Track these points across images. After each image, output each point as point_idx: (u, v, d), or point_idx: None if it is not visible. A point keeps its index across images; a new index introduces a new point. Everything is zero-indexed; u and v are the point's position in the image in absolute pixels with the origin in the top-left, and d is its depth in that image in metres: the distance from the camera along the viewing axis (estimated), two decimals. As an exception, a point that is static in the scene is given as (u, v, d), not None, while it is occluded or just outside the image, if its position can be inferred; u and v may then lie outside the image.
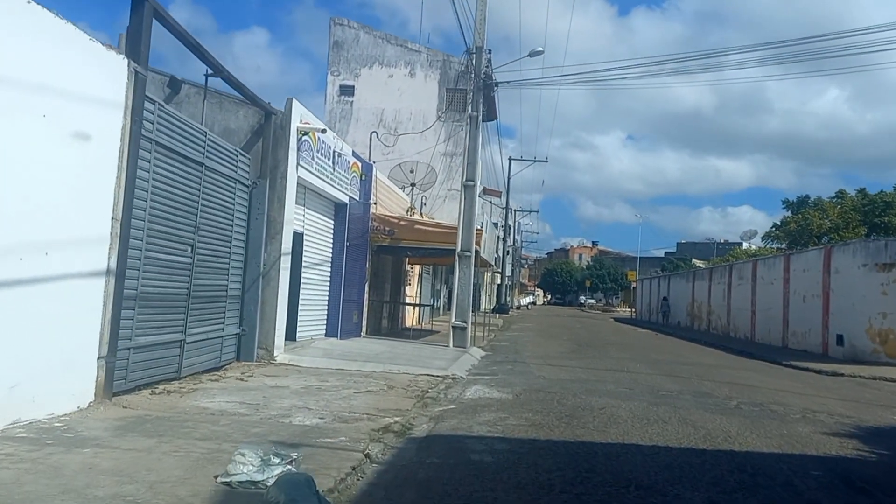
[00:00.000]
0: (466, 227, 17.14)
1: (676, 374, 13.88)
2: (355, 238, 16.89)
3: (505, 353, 17.27)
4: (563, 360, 16.22)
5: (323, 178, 14.20)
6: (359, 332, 17.58)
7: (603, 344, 22.13)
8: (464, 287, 17.06)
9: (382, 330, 20.51)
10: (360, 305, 17.55)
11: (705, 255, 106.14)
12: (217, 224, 10.51)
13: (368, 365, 12.19)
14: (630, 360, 16.74)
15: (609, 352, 19.04)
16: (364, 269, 17.72)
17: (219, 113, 12.47)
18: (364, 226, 17.60)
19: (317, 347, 13.94)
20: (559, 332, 28.35)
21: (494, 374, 12.83)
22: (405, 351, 15.03)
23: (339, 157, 15.10)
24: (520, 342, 21.56)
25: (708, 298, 33.12)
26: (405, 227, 18.28)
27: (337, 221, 16.17)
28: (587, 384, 11.66)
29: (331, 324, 15.96)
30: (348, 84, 29.67)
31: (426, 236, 18.23)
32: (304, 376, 10.75)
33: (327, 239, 15.76)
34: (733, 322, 29.04)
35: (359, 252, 17.25)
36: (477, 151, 17.27)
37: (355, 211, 16.77)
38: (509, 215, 54.26)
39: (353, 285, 16.91)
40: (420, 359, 13.74)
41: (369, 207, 17.91)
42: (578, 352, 18.67)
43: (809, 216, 48.94)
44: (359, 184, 16.78)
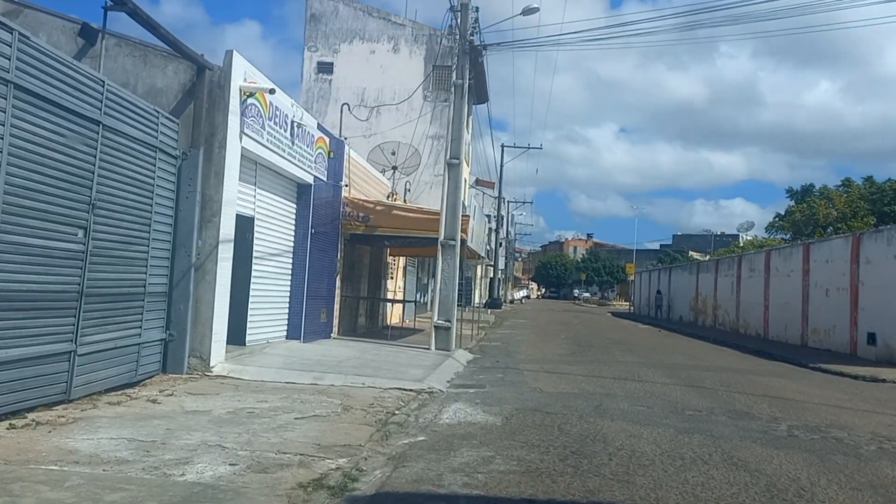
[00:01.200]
0: (451, 211, 14.92)
1: (698, 383, 11.71)
2: (323, 225, 14.65)
3: (495, 357, 15.08)
4: (562, 364, 14.04)
5: (278, 152, 11.95)
6: (328, 333, 15.36)
7: (605, 343, 19.97)
8: (448, 281, 14.85)
9: (359, 329, 18.30)
10: (329, 302, 15.34)
11: (702, 248, 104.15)
12: (127, 202, 8.26)
13: (328, 377, 9.98)
14: (639, 364, 14.57)
15: (613, 353, 16.88)
16: (335, 260, 15.49)
17: (143, 69, 10.21)
18: (334, 211, 15.37)
19: (270, 354, 11.71)
20: (555, 330, 26.19)
21: (481, 385, 10.63)
22: (378, 356, 12.82)
23: (300, 129, 12.85)
24: (512, 342, 19.38)
25: (714, 292, 31.00)
26: (382, 213, 16.05)
27: (300, 205, 13.93)
28: (594, 400, 9.48)
29: (293, 324, 13.74)
30: (326, 61, 27.36)
31: (406, 223, 16.00)
32: (239, 394, 8.53)
33: (287, 225, 13.52)
34: (743, 317, 26.94)
35: (328, 241, 15.03)
36: (462, 125, 15.04)
37: (322, 193, 14.53)
38: (502, 205, 52.01)
39: (321, 279, 14.69)
40: (394, 367, 11.53)
41: (340, 190, 15.68)
42: (579, 354, 16.50)
43: (815, 205, 46.90)
44: (326, 162, 14.53)
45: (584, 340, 20.80)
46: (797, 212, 47.80)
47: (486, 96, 34.44)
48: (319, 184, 14.27)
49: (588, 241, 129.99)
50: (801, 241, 25.01)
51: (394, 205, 17.17)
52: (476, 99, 34.46)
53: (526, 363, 13.97)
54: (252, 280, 11.82)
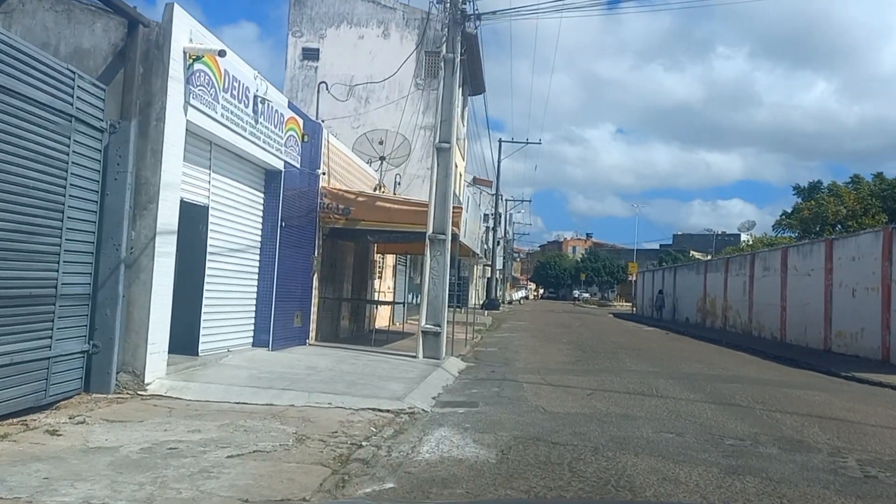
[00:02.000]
0: (440, 201, 13.24)
1: (727, 398, 10.04)
2: (296, 217, 12.98)
3: (491, 365, 13.40)
4: (567, 374, 12.37)
5: (238, 130, 10.27)
6: (303, 339, 13.68)
7: (611, 349, 18.30)
8: (437, 280, 13.18)
9: (341, 334, 16.62)
10: (305, 304, 13.66)
11: (703, 247, 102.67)
12: (27, 182, 6.58)
13: (288, 394, 8.30)
14: (653, 373, 12.90)
15: (622, 360, 15.20)
16: (310, 257, 13.81)
17: (66, 26, 8.53)
18: (310, 202, 13.69)
19: (228, 366, 10.02)
20: (557, 333, 24.50)
21: (473, 403, 8.95)
22: (356, 367, 11.14)
23: (266, 106, 11.17)
24: (510, 347, 17.71)
25: (724, 292, 29.33)
26: (364, 205, 14.37)
27: (268, 194, 12.24)
28: (610, 424, 7.80)
29: (260, 330, 12.05)
30: (312, 47, 25.70)
31: (392, 216, 14.32)
32: (169, 421, 6.85)
33: (252, 217, 11.84)
34: (757, 319, 25.27)
35: (302, 235, 13.35)
36: (453, 104, 13.36)
37: (295, 182, 12.85)
38: (500, 203, 50.32)
39: (294, 278, 13.01)
40: (371, 380, 9.85)
41: (317, 179, 14.00)
42: (584, 361, 14.82)
43: (824, 202, 45.24)
44: (299, 147, 12.85)
45: (588, 345, 19.13)
46: (805, 209, 46.13)
47: (483, 87, 32.79)
48: (291, 171, 12.59)
49: (587, 240, 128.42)
50: (823, 237, 23.31)
51: (377, 196, 15.48)
52: (471, 89, 32.81)
53: (526, 373, 12.30)
54: (206, 279, 10.13)
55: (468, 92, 32.36)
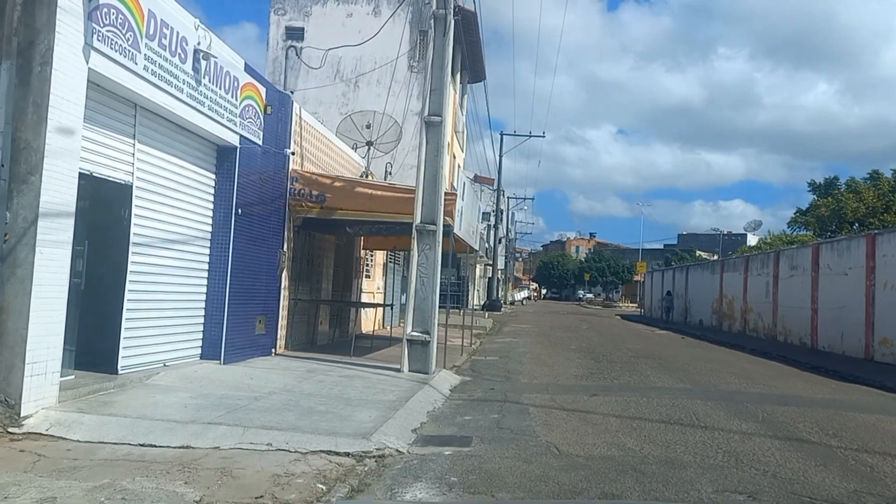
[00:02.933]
0: (429, 186, 11.14)
1: (791, 430, 7.92)
2: (257, 204, 10.89)
3: (490, 380, 11.29)
4: (582, 393, 10.25)
5: (171, 90, 8.18)
6: (268, 349, 11.59)
7: (628, 357, 16.17)
8: (426, 279, 11.07)
9: (318, 341, 14.51)
10: (270, 307, 11.57)
11: (709, 247, 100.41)
12: None
13: (214, 431, 6.20)
14: (685, 392, 10.78)
15: (643, 372, 13.08)
16: (277, 252, 11.72)
17: (-77, -60, 6.41)
18: (276, 187, 11.61)
19: (153, 387, 7.92)
20: (563, 337, 22.37)
21: (464, 440, 6.84)
22: (322, 386, 9.03)
23: (211, 64, 9.08)
24: (513, 356, 15.59)
25: (743, 293, 27.16)
26: (342, 191, 12.27)
27: (220, 175, 10.14)
28: (651, 476, 5.68)
29: (210, 338, 9.96)
30: (296, 25, 23.63)
31: (374, 204, 12.21)
32: (18, 482, 4.75)
33: (198, 201, 9.73)
34: (782, 323, 23.10)
35: (266, 226, 11.26)
36: (445, 71, 11.23)
37: (256, 162, 10.76)
38: (501, 199, 48.20)
39: (255, 276, 10.93)
40: (336, 405, 7.74)
41: (286, 160, 11.91)
42: (599, 374, 12.70)
43: (843, 199, 43.06)
44: (260, 120, 10.76)
45: (601, 353, 17.00)
46: (822, 206, 43.97)
47: (483, 73, 30.70)
48: (250, 148, 10.49)
49: (591, 240, 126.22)
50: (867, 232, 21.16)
51: (357, 180, 13.36)
52: (471, 76, 30.72)
53: (531, 391, 10.19)
54: (129, 277, 8.02)
55: (467, 79, 30.28)
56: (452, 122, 25.88)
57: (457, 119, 27.45)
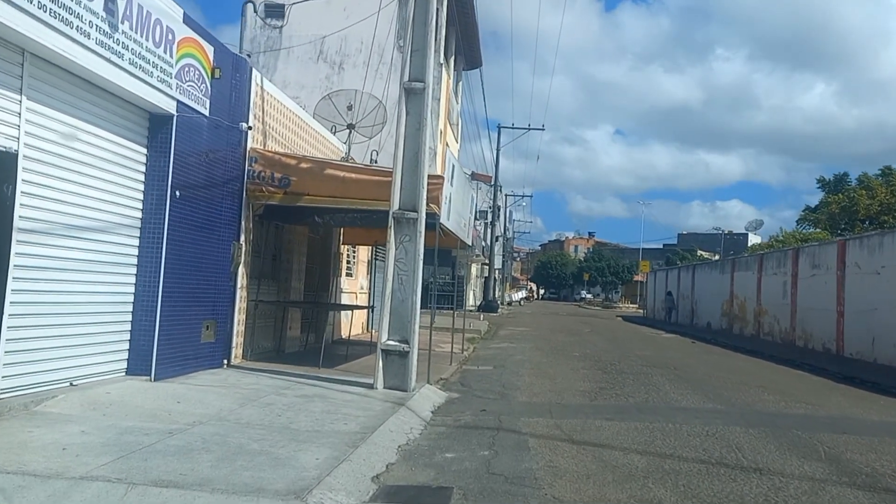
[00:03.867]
0: (410, 167, 9.33)
1: (872, 476, 6.12)
2: (203, 186, 9.08)
3: (482, 398, 9.49)
4: (594, 417, 8.44)
5: (73, 33, 6.37)
6: (219, 359, 9.78)
7: (639, 366, 14.37)
8: (405, 277, 9.26)
9: (287, 348, 12.70)
10: (220, 310, 9.76)
11: (710, 247, 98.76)
12: None
13: (84, 491, 4.41)
14: (718, 413, 8.98)
15: (661, 387, 11.29)
16: (229, 244, 9.90)
17: None
18: (230, 168, 9.81)
19: (40, 416, 6.11)
20: (565, 342, 20.56)
21: (439, 497, 5.03)
22: (268, 411, 7.21)
23: (133, 5, 7.27)
24: (509, 365, 13.79)
25: (757, 294, 25.36)
26: (309, 174, 10.46)
27: (153, 150, 8.32)
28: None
29: (138, 349, 8.14)
30: (276, 3, 21.83)
31: (347, 188, 10.38)
32: None
33: (122, 180, 7.91)
34: (802, 327, 21.30)
35: (216, 213, 9.46)
36: (430, 29, 9.39)
37: (201, 136, 8.94)
38: (499, 196, 46.40)
39: (201, 273, 9.12)
40: (277, 441, 5.92)
41: (243, 137, 10.09)
42: (610, 389, 10.90)
43: (855, 196, 41.32)
44: (206, 85, 8.95)
45: (608, 361, 15.20)
46: (833, 203, 42.24)
47: (479, 59, 28.89)
48: (193, 118, 8.68)
49: (589, 239, 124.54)
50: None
51: (327, 161, 11.52)
52: (466, 62, 28.91)
53: (532, 414, 8.38)
54: (11, 273, 6.20)
55: (462, 65, 28.46)
56: (446, 110, 24.05)
57: (451, 107, 25.62)
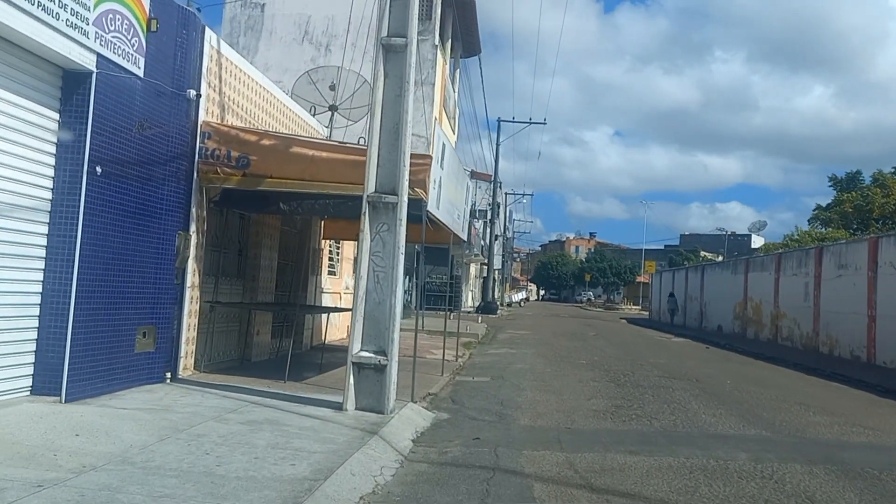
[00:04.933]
0: (388, 140, 7.72)
1: None
2: (136, 164, 7.47)
3: (476, 422, 7.86)
4: (613, 448, 6.81)
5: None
6: (159, 373, 8.15)
7: (656, 377, 12.74)
8: (382, 273, 7.65)
9: (255, 356, 11.08)
10: (162, 313, 8.13)
11: (713, 248, 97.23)
12: None
13: None
14: (765, 442, 7.37)
15: (687, 404, 9.66)
16: (174, 234, 8.28)
17: None
18: (176, 143, 8.19)
19: None
20: (570, 348, 18.93)
21: None
22: (190, 449, 5.58)
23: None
24: (509, 376, 12.16)
25: (775, 296, 23.73)
26: (272, 152, 8.83)
27: (66, 115, 6.70)
28: None
29: (46, 362, 6.52)
30: (258, -21, 20.32)
31: (317, 170, 8.75)
32: None
33: (21, 150, 6.29)
34: (826, 331, 19.68)
35: (156, 197, 7.84)
36: (414, -26, 7.77)
37: (132, 101, 7.32)
38: (499, 193, 44.78)
39: (134, 269, 7.51)
40: (188, 497, 4.28)
41: (191, 107, 8.47)
42: (629, 408, 9.27)
43: (870, 195, 39.76)
44: (139, 40, 7.33)
45: (620, 370, 13.58)
46: (847, 202, 40.67)
47: (478, 46, 27.29)
48: (121, 79, 7.06)
49: (591, 240, 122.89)
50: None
51: (294, 137, 9.87)
52: (464, 49, 27.28)
53: (536, 445, 6.75)
54: None
55: (459, 51, 26.84)
56: (441, 97, 22.41)
57: (447, 95, 23.99)
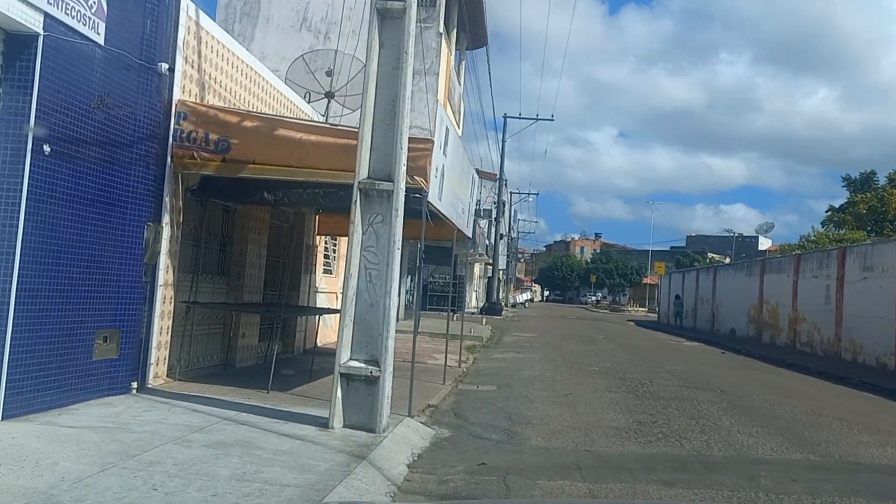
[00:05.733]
0: (383, 119, 6.77)
1: None
2: (98, 144, 6.52)
3: (481, 441, 6.89)
4: (642, 477, 5.85)
5: None
6: (126, 382, 7.23)
7: (677, 387, 11.76)
8: (374, 270, 6.67)
9: (239, 361, 10.14)
10: (128, 315, 7.19)
11: (720, 249, 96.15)
12: None
13: None
14: (818, 469, 6.41)
15: (717, 420, 8.69)
16: (142, 226, 7.33)
17: None
18: (145, 124, 7.25)
19: None
20: (580, 352, 17.95)
21: None
22: (136, 484, 4.63)
23: None
24: (517, 383, 11.20)
25: (793, 299, 22.71)
26: (255, 135, 7.87)
27: (7, 84, 5.77)
28: None
29: (-21, 372, 5.58)
30: (254, -38, 19.42)
31: (305, 155, 7.79)
32: None
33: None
34: (849, 336, 18.67)
35: (121, 184, 6.91)
36: (414, -71, 6.82)
37: (89, 72, 6.38)
38: (503, 190, 43.80)
39: (93, 264, 6.57)
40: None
41: (163, 83, 7.53)
42: (652, 424, 8.30)
43: (886, 195, 38.66)
44: (100, 3, 6.38)
45: (637, 378, 12.61)
46: (862, 203, 39.56)
47: (485, 38, 26.30)
48: (73, 44, 6.11)
49: (596, 240, 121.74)
50: None
51: (279, 119, 8.88)
52: (470, 41, 26.32)
53: (552, 474, 5.79)
54: None
55: (465, 42, 25.89)
56: (446, 89, 21.44)
57: (451, 87, 23.02)
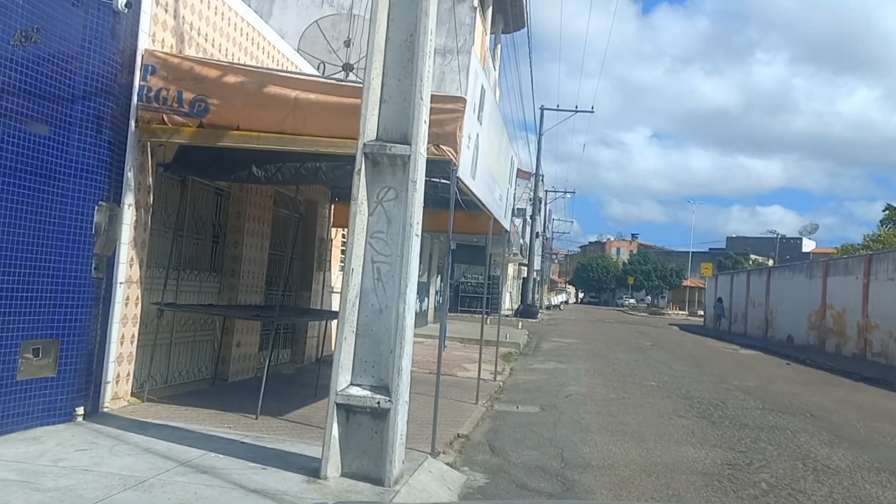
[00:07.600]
0: (396, 63, 5.01)
1: None
2: (32, 98, 4.89)
3: (524, 495, 5.11)
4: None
5: None
6: (71, 405, 5.59)
7: (758, 410, 9.82)
8: (383, 263, 4.94)
9: (232, 374, 8.50)
10: (72, 321, 5.56)
11: (764, 251, 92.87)
12: None
13: None
14: None
15: (833, 465, 6.80)
16: (92, 206, 5.70)
17: None
18: (100, 77, 5.62)
19: None
20: (630, 362, 16.03)
21: None
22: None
23: None
24: (564, 405, 9.37)
25: (862, 305, 20.46)
26: (239, 93, 6.20)
27: None
28: None
29: None
30: (271, -68, 17.96)
31: (302, 119, 6.10)
32: None
33: None
34: (937, 347, 16.47)
35: (59, 151, 5.29)
36: None
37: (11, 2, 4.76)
38: (539, 187, 41.83)
39: (16, 256, 4.94)
40: None
41: (122, 25, 5.92)
42: (750, 468, 6.44)
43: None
44: None
45: (705, 398, 10.71)
46: (924, 201, 36.80)
47: (522, 19, 24.46)
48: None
49: (632, 241, 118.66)
50: None
51: (270, 71, 7.18)
52: (506, 23, 24.51)
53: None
54: None
55: (501, 25, 24.11)
56: (480, 72, 19.63)
57: (486, 72, 21.27)
